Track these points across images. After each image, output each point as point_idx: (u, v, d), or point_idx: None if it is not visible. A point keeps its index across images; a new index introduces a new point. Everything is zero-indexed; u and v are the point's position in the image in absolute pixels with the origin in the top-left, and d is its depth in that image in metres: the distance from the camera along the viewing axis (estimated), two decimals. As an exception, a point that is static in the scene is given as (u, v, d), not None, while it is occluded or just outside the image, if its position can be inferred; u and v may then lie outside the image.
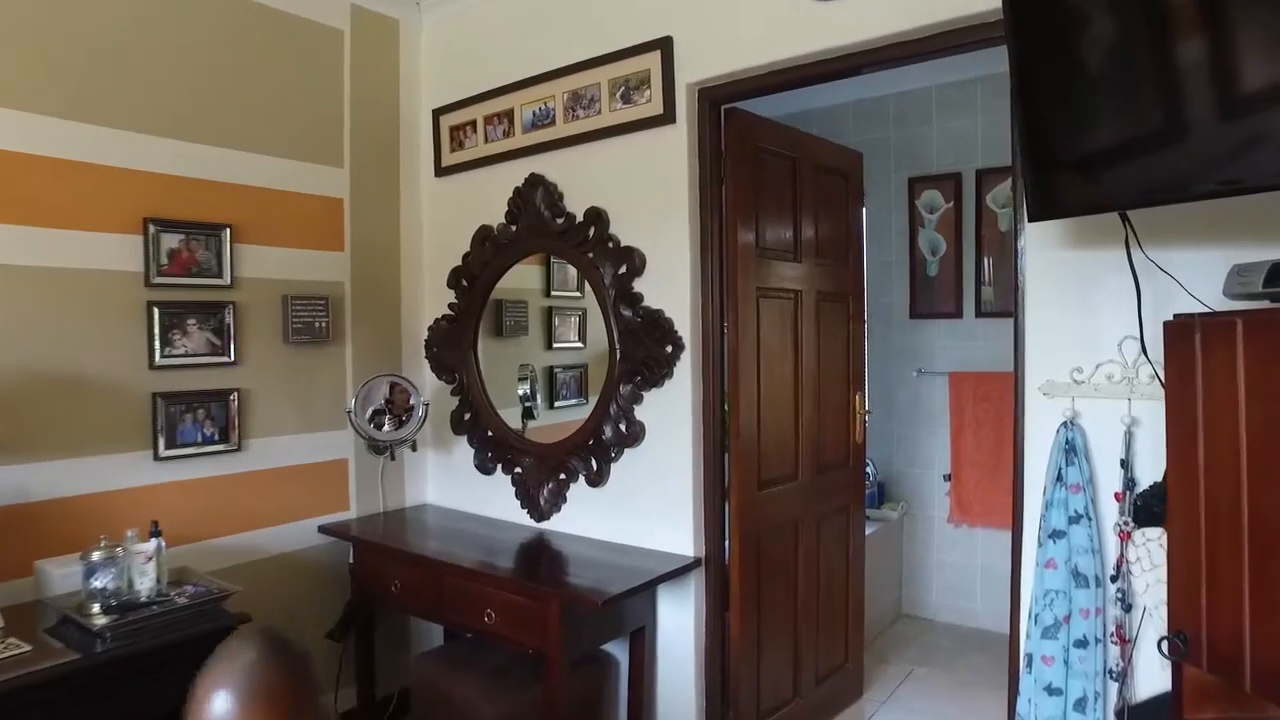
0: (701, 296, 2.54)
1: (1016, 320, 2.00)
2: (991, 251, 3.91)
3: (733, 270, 2.56)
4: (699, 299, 2.53)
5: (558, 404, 3.39)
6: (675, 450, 2.53)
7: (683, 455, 2.52)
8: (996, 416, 3.83)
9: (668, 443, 2.55)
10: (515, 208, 2.90)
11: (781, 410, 2.79)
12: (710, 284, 2.53)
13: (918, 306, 4.13)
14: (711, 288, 2.53)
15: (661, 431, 2.57)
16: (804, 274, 2.89)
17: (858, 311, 3.23)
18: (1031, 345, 1.93)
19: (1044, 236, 1.88)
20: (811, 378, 2.93)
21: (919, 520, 4.15)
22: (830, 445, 3.07)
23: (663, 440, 2.56)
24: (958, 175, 3.98)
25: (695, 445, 2.52)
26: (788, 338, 2.83)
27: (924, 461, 4.13)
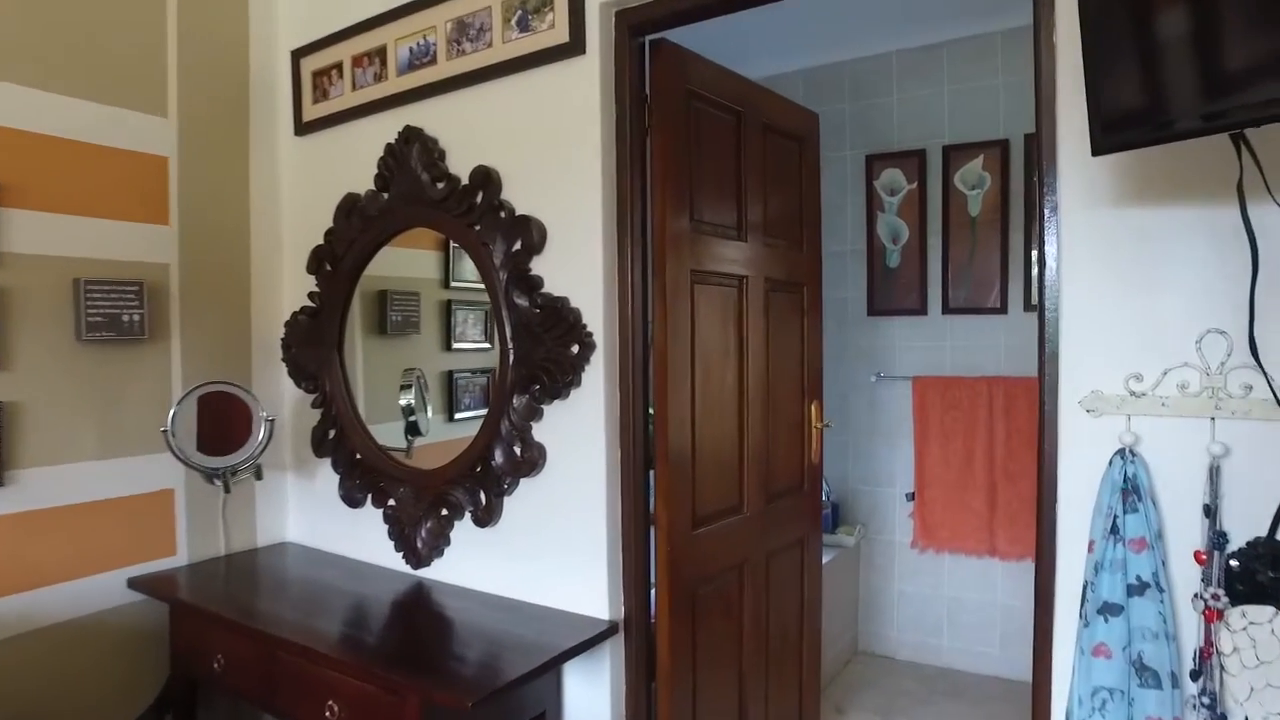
0: (619, 281, 1.96)
1: (1042, 307, 1.46)
2: (961, 239, 3.43)
3: (660, 248, 1.99)
4: (615, 284, 1.95)
5: (459, 415, 2.77)
6: (585, 480, 1.95)
7: (594, 486, 1.94)
8: (967, 427, 3.35)
9: (575, 470, 1.96)
10: (386, 170, 2.28)
11: (722, 426, 2.23)
12: (630, 265, 1.95)
13: (876, 302, 3.63)
14: (632, 270, 1.95)
15: (567, 456, 1.98)
16: (750, 256, 2.33)
17: (814, 304, 2.69)
18: (1069, 342, 1.40)
19: (1089, 188, 1.35)
20: (759, 385, 2.38)
21: (877, 546, 3.65)
22: (782, 467, 2.52)
23: (568, 467, 1.98)
24: (921, 152, 3.50)
25: (610, 474, 1.94)
26: (730, 335, 2.27)
27: (884, 479, 3.64)
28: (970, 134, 3.39)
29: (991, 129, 3.34)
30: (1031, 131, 3.36)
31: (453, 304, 2.76)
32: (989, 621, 3.40)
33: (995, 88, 3.33)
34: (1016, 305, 3.30)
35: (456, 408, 2.73)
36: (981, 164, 3.36)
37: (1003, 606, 3.37)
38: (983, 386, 3.32)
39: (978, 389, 3.33)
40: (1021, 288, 3.29)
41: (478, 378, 2.75)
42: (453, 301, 2.75)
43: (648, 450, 2.01)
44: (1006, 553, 3.29)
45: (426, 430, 2.67)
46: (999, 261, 3.33)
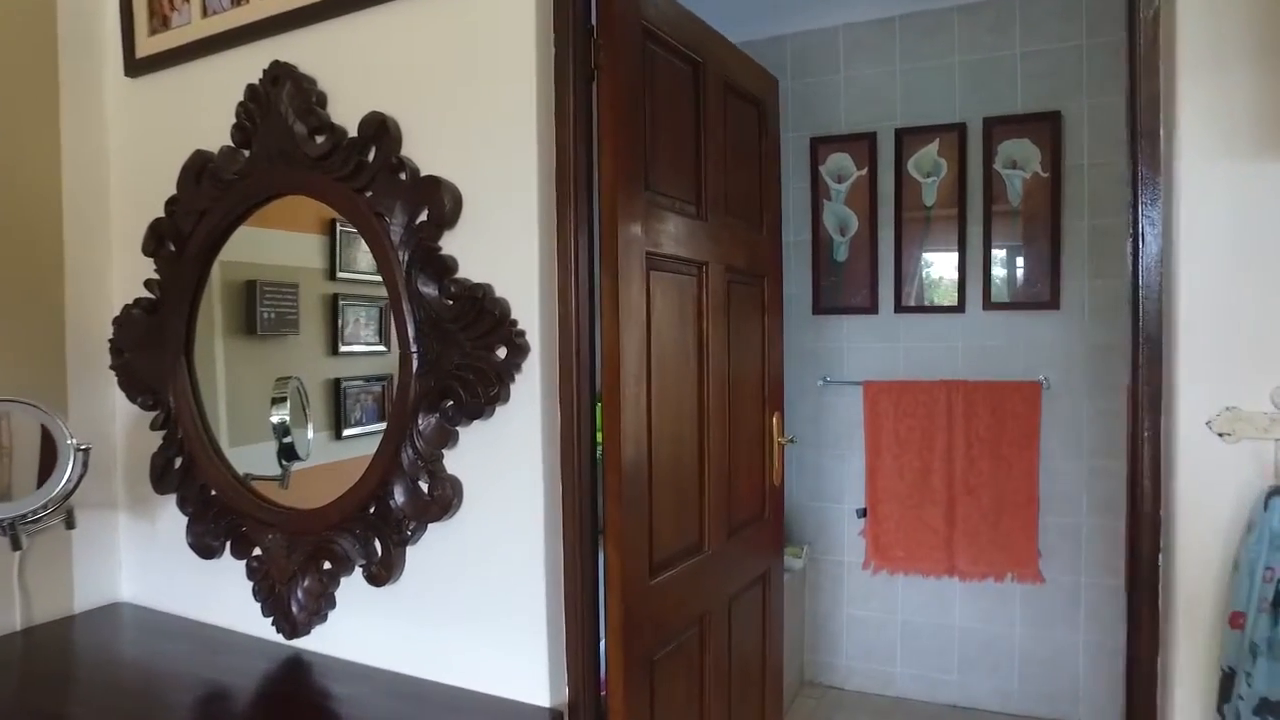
0: (559, 265, 1.51)
1: (1136, 296, 1.11)
2: (915, 231, 3.14)
3: (610, 223, 1.56)
4: (554, 269, 1.50)
5: (349, 432, 2.24)
6: (515, 523, 1.49)
7: (528, 531, 1.48)
8: (924, 436, 3.06)
9: (502, 511, 1.50)
10: (248, 119, 1.74)
11: (682, 447, 1.82)
12: (574, 244, 1.51)
13: (822, 299, 3.31)
14: (576, 250, 1.51)
15: (491, 492, 1.51)
16: (710, 239, 1.93)
17: (775, 297, 2.32)
18: (1191, 343, 1.05)
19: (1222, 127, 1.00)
20: (720, 395, 1.98)
21: (825, 567, 3.33)
22: (744, 492, 2.13)
23: (493, 507, 1.51)
24: (872, 136, 3.20)
25: (550, 513, 1.48)
26: (689, 334, 1.86)
27: (831, 493, 3.32)
28: (925, 116, 3.11)
29: (947, 111, 3.07)
30: (991, 115, 3.18)
31: (340, 299, 2.23)
32: (945, 646, 3.13)
33: (951, 66, 3.06)
34: (975, 303, 3.04)
35: (345, 422, 2.19)
36: (937, 149, 3.09)
37: (961, 629, 3.10)
38: (940, 391, 3.04)
39: (935, 394, 3.05)
40: (981, 284, 3.02)
41: (372, 386, 2.23)
42: (340, 296, 2.22)
43: (595, 481, 1.57)
44: (967, 572, 3.02)
45: (307, 453, 2.13)
46: (957, 256, 3.06)
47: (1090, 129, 2.86)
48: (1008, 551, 2.95)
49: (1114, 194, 2.84)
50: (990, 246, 3.00)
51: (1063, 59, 2.90)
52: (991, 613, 3.04)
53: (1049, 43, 2.91)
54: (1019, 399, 2.93)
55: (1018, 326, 2.98)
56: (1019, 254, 2.97)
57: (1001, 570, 2.98)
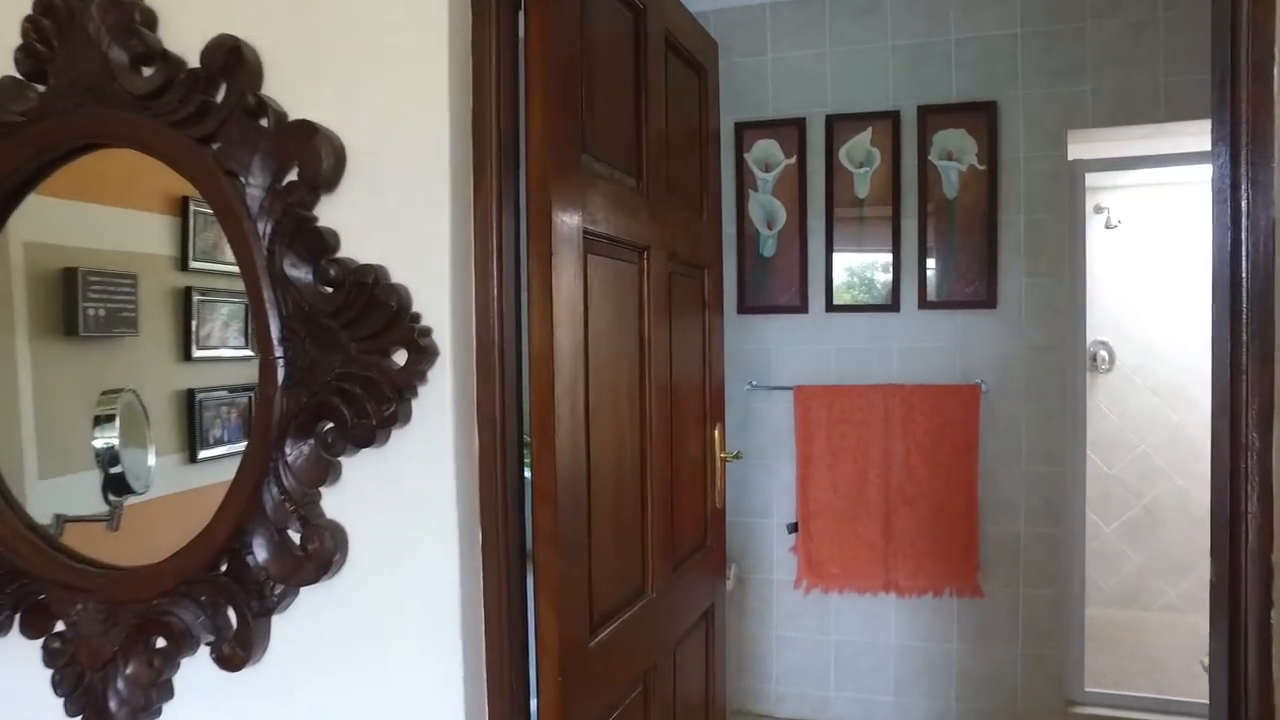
0: (476, 242, 1.16)
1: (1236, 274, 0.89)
2: (847, 225, 2.94)
3: (540, 190, 1.22)
4: (470, 246, 1.15)
5: (207, 454, 1.79)
6: (419, 584, 1.13)
7: (437, 593, 1.12)
8: (858, 444, 2.87)
9: (401, 567, 1.13)
10: (41, 41, 1.29)
11: (624, 471, 1.50)
12: (495, 215, 1.16)
13: (748, 297, 3.06)
14: (499, 223, 1.16)
15: (386, 543, 1.14)
16: (652, 218, 1.62)
17: (717, 293, 2.04)
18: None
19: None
20: (662, 406, 1.67)
21: (753, 587, 3.08)
22: (687, 519, 1.83)
23: (389, 562, 1.14)
24: (801, 122, 2.98)
25: (465, 569, 1.13)
26: (630, 334, 1.55)
27: (760, 508, 3.07)
28: (857, 103, 2.91)
29: (880, 99, 2.89)
30: (926, 103, 3.02)
31: (196, 293, 1.78)
32: (882, 666, 2.94)
33: (884, 51, 2.88)
34: (910, 302, 2.87)
35: (202, 442, 1.75)
36: (870, 138, 2.90)
37: (897, 648, 2.92)
38: (876, 396, 2.85)
39: (870, 399, 2.86)
40: (916, 281, 2.85)
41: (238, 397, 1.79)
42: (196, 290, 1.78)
43: (524, 523, 1.23)
44: (905, 588, 2.84)
45: (146, 485, 1.67)
46: (890, 250, 2.88)
47: (1025, 121, 2.74)
48: (947, 565, 2.79)
49: (1049, 189, 2.72)
50: (926, 242, 2.84)
51: (997, 47, 2.77)
52: (929, 630, 2.88)
53: (983, 30, 2.77)
54: (957, 403, 2.78)
55: (954, 326, 2.83)
56: (955, 250, 2.82)
57: (940, 585, 2.82)
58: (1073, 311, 2.77)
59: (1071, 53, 2.70)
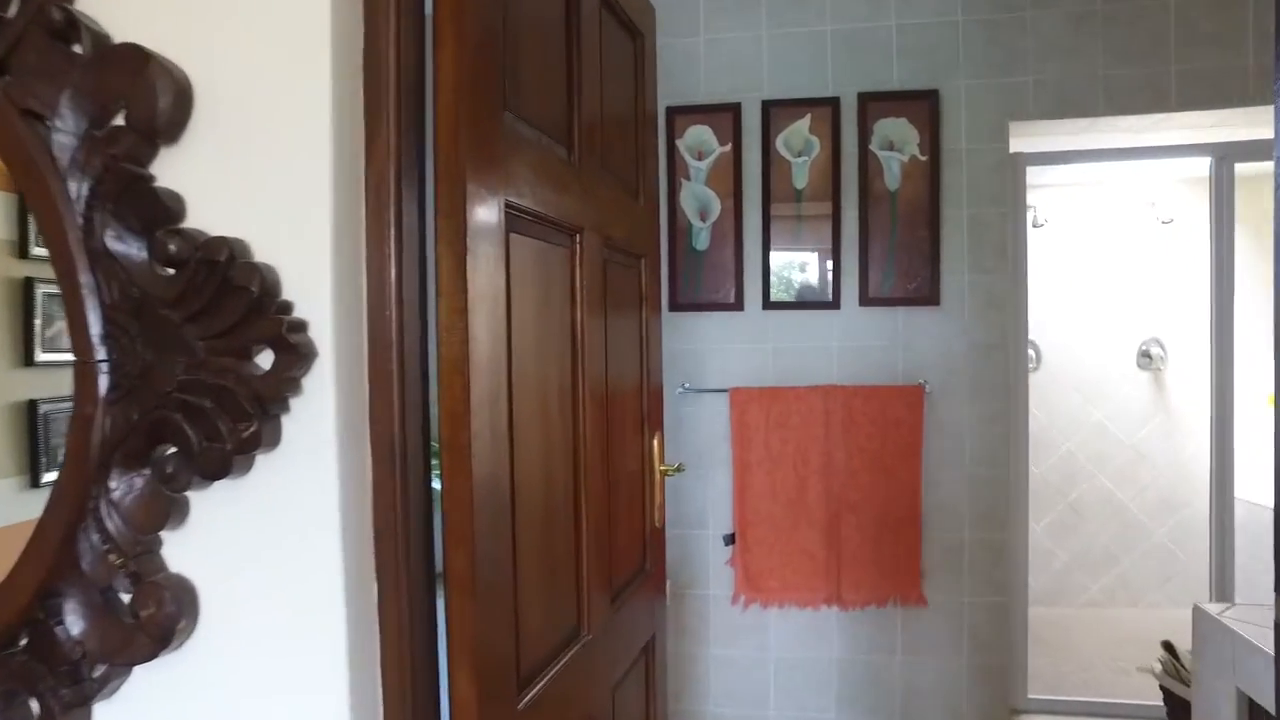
0: (370, 214, 0.91)
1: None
2: (785, 217, 2.78)
3: (451, 150, 0.97)
4: (359, 218, 0.90)
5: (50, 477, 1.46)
6: (293, 657, 0.86)
7: (318, 667, 0.86)
8: (798, 449, 2.71)
9: (270, 635, 0.87)
10: None
11: (554, 493, 1.26)
12: (393, 179, 0.91)
13: (680, 293, 2.87)
14: (398, 189, 0.91)
15: (248, 604, 0.87)
16: (585, 195, 1.39)
17: (654, 284, 1.82)
18: None
19: None
20: (598, 415, 1.44)
21: (688, 604, 2.89)
22: (625, 542, 1.61)
23: (253, 629, 0.88)
24: (736, 108, 2.80)
25: (355, 634, 0.87)
26: (561, 330, 1.31)
27: (694, 519, 2.88)
28: (795, 88, 2.76)
29: (819, 85, 2.74)
30: (867, 90, 2.88)
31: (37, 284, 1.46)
32: (823, 682, 2.80)
33: (823, 35, 2.73)
34: (851, 299, 2.73)
35: (48, 464, 1.43)
36: (809, 125, 2.75)
37: (839, 662, 2.78)
38: (816, 398, 2.70)
39: (810, 401, 2.70)
40: (857, 277, 2.71)
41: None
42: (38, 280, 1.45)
43: (432, 567, 0.98)
44: (849, 600, 2.70)
45: (-43, 518, 1.34)
46: (830, 245, 2.74)
47: (968, 111, 2.64)
48: (891, 575, 2.67)
49: (992, 182, 2.63)
50: (868, 236, 2.70)
51: (940, 35, 2.66)
52: (871, 642, 2.75)
53: (925, 16, 2.66)
54: (901, 404, 2.65)
55: (896, 324, 2.70)
56: (897, 245, 2.69)
57: (884, 595, 2.69)
58: (1015, 309, 2.69)
59: (1013, 42, 2.61)
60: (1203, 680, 1.82)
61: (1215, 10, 2.52)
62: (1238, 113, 2.57)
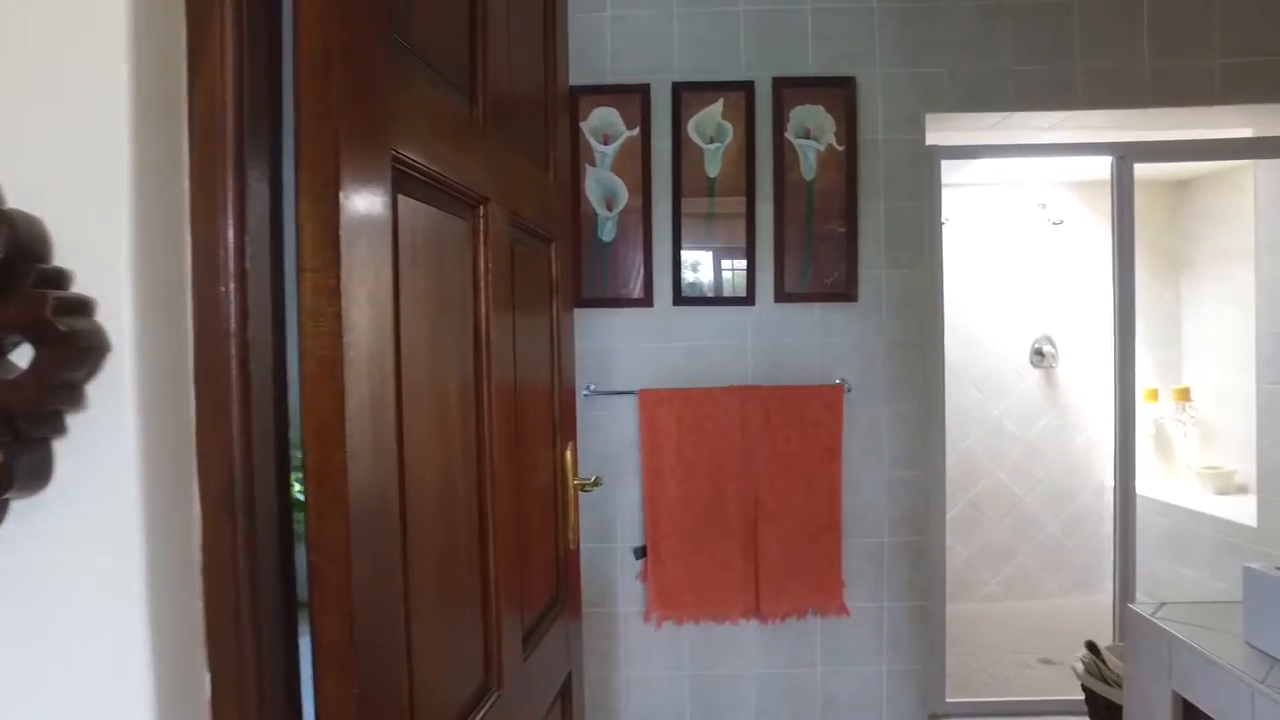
0: (192, 148, 0.64)
1: None
2: (697, 206, 2.61)
3: (319, 63, 0.71)
4: (178, 155, 0.64)
5: None
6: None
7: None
8: (713, 454, 2.54)
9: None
10: None
11: (456, 522, 1.02)
12: (234, 98, 0.65)
13: (585, 288, 2.65)
14: (243, 116, 0.65)
15: (12, 711, 0.60)
16: (489, 160, 1.15)
17: (566, 274, 1.60)
18: None
19: None
20: (506, 424, 1.21)
21: (595, 622, 2.67)
22: (537, 569, 1.38)
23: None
24: (645, 89, 2.61)
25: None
26: (464, 318, 1.07)
27: (601, 531, 2.66)
28: (707, 71, 2.59)
29: (732, 67, 2.59)
30: (782, 75, 2.76)
31: None
32: (741, 699, 2.64)
33: (736, 15, 2.58)
34: (766, 294, 2.59)
35: None
36: (722, 110, 2.59)
37: (758, 677, 2.63)
38: (731, 399, 2.54)
39: (725, 403, 2.54)
40: (773, 271, 2.58)
41: None
42: None
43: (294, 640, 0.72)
44: (769, 613, 2.55)
45: None
46: (744, 237, 2.59)
47: (885, 100, 2.55)
48: (811, 584, 2.54)
49: (908, 174, 2.56)
50: (784, 228, 2.57)
51: (856, 21, 2.56)
52: (791, 655, 2.61)
53: (841, 0, 2.55)
54: (819, 405, 2.53)
55: (813, 321, 2.58)
56: (814, 238, 2.57)
57: (805, 606, 2.56)
58: (932, 305, 2.62)
59: (927, 32, 2.55)
60: (1136, 683, 1.76)
61: (1114, 12, 2.54)
62: (1136, 115, 2.60)
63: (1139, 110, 2.57)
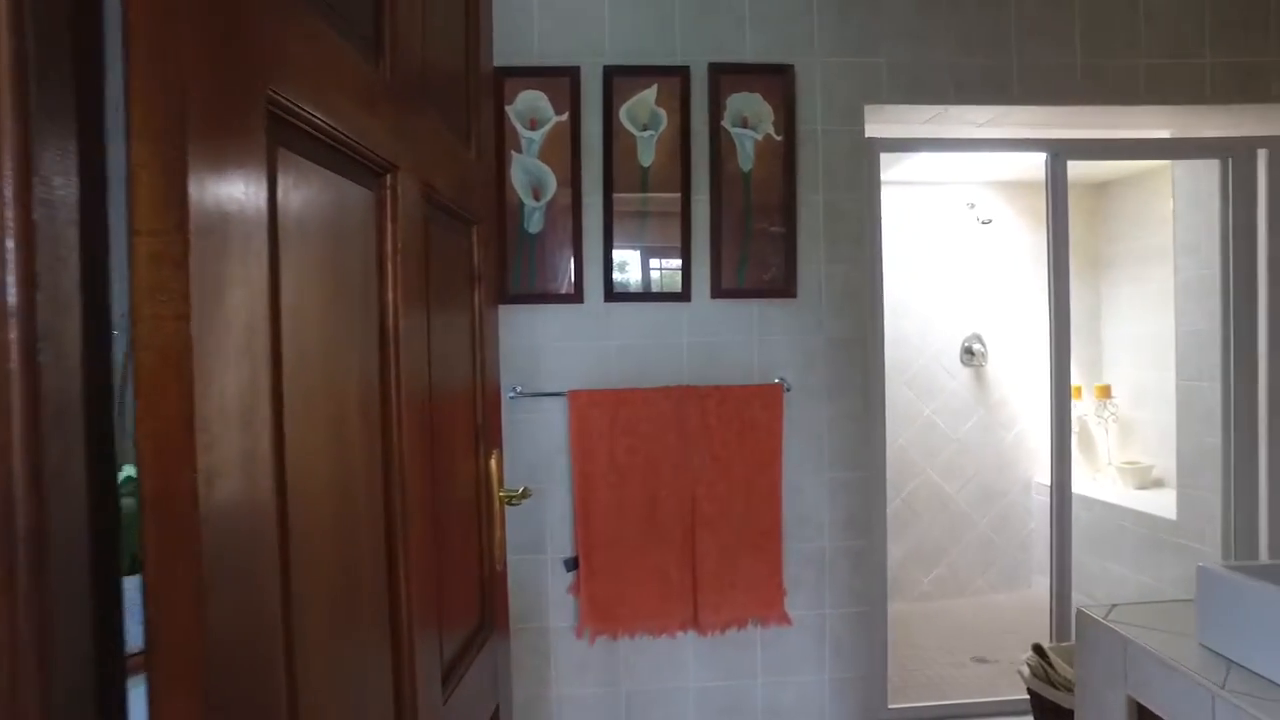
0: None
1: None
2: (630, 198, 2.48)
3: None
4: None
5: None
6: None
7: None
8: (648, 459, 2.41)
9: None
10: None
11: (356, 557, 0.85)
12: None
13: (511, 283, 2.48)
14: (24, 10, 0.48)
15: None
16: (398, 123, 0.98)
17: (492, 265, 1.44)
18: None
19: None
20: (418, 432, 1.04)
21: (525, 638, 2.50)
22: (457, 597, 1.21)
23: None
24: (574, 72, 2.46)
25: None
26: (366, 308, 0.90)
27: (529, 541, 2.50)
28: (640, 54, 2.47)
29: (667, 51, 2.47)
30: (719, 61, 2.64)
31: None
32: (680, 714, 2.52)
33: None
34: (702, 290, 2.47)
35: None
36: (655, 96, 2.46)
37: (697, 691, 2.51)
38: (666, 400, 2.42)
39: (660, 404, 2.42)
40: (709, 266, 2.47)
41: None
42: None
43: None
44: (708, 624, 2.43)
45: None
46: (680, 229, 2.47)
47: (824, 90, 2.47)
48: (752, 593, 2.43)
49: (848, 166, 2.48)
50: (720, 221, 2.46)
51: (794, 7, 2.47)
52: (731, 666, 2.50)
53: (777, -16, 2.47)
54: (759, 405, 2.43)
55: (751, 318, 2.48)
56: (752, 231, 2.47)
57: (745, 616, 2.45)
58: (872, 301, 2.56)
59: (866, 21, 2.48)
60: (1089, 688, 1.71)
61: (1048, 5, 2.52)
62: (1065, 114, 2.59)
63: (1069, 109, 2.56)
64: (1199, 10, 2.56)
